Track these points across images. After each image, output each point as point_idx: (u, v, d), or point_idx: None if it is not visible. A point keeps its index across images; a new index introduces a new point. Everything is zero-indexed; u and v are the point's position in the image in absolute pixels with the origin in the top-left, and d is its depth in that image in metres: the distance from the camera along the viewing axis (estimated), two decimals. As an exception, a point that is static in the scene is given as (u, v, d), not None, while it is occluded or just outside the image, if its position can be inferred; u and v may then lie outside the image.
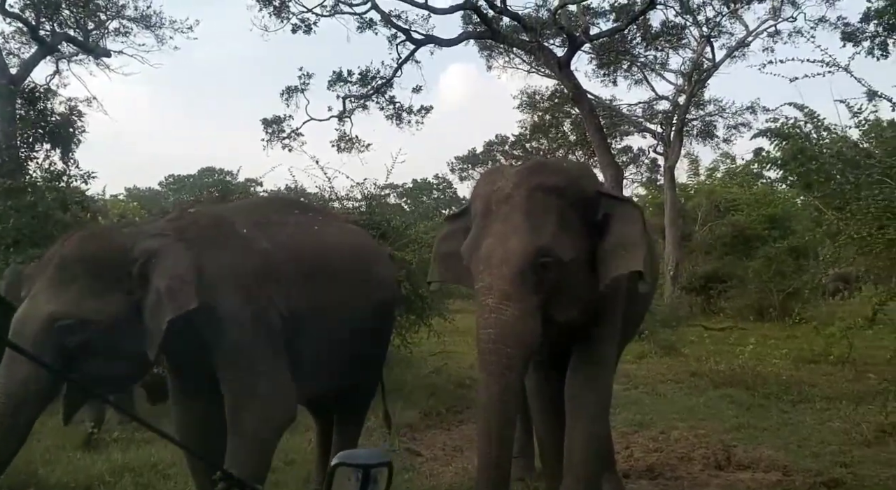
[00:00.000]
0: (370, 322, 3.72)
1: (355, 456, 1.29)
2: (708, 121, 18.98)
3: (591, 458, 3.41)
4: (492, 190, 3.24)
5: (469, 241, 3.22)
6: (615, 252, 3.19)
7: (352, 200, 8.44)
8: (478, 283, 3.08)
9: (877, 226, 3.81)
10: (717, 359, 8.24)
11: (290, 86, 16.30)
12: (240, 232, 3.27)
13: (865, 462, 4.72)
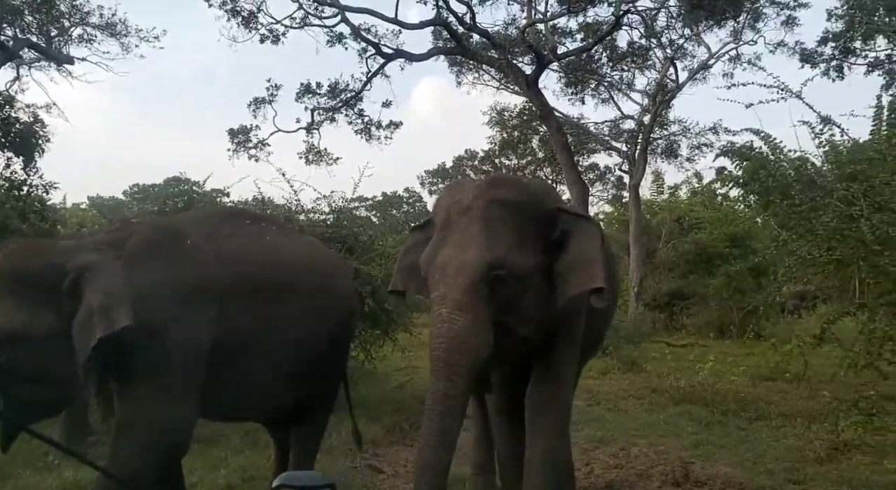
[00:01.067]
0: (326, 336, 3.63)
1: (296, 478, 1.29)
2: (672, 140, 19.38)
3: (549, 475, 3.43)
4: (452, 202, 3.29)
5: (427, 251, 3.25)
6: (574, 269, 3.23)
7: (318, 213, 8.39)
8: (433, 292, 3.13)
9: (826, 247, 3.92)
10: (677, 375, 8.37)
11: (257, 97, 16.22)
12: (184, 245, 3.16)
13: (817, 479, 4.83)
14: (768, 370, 8.61)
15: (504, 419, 3.73)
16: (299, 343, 3.41)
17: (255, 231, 3.62)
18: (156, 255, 3.04)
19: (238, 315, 3.13)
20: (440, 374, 3.00)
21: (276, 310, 3.31)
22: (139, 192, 19.92)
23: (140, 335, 2.76)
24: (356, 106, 16.54)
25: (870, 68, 14.12)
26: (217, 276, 3.12)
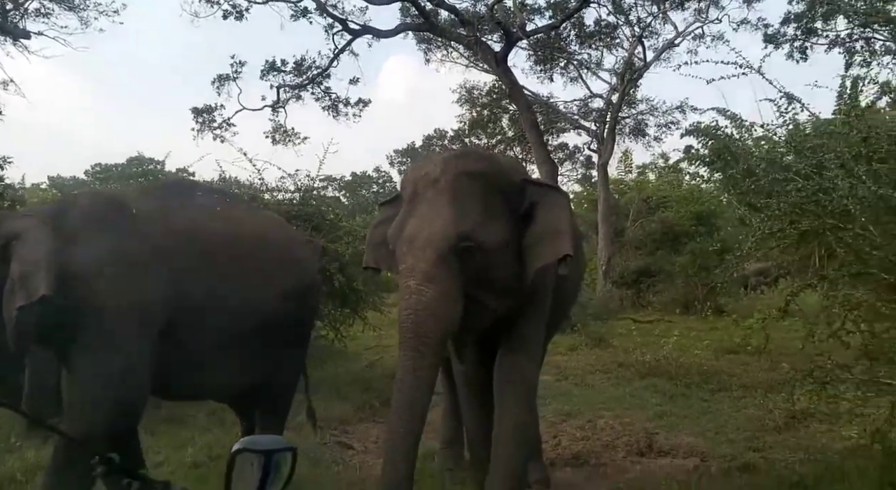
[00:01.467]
0: (286, 312, 3.52)
1: (257, 442, 1.29)
2: (640, 119, 19.54)
3: (517, 447, 3.48)
4: (420, 175, 3.27)
5: (395, 224, 3.24)
6: (541, 240, 3.25)
7: (283, 192, 8.29)
8: (401, 264, 3.11)
9: (788, 221, 4.00)
10: (643, 350, 8.54)
11: (221, 74, 15.88)
12: (126, 215, 3.05)
13: (776, 447, 4.99)
14: (731, 344, 8.83)
15: (472, 393, 3.76)
16: (257, 320, 3.32)
17: (207, 203, 3.50)
18: (94, 224, 2.93)
19: (192, 289, 3.04)
20: (409, 346, 3.00)
21: (231, 285, 3.21)
22: (101, 172, 19.45)
23: (77, 306, 2.68)
24: (323, 83, 16.33)
25: (830, 46, 14.35)
26: (166, 248, 3.01)
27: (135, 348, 2.88)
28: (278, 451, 1.29)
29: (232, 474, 1.23)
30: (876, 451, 4.03)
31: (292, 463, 1.32)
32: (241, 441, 1.26)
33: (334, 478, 4.39)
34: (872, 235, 3.66)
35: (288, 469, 1.31)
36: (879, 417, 4.00)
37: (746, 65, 4.22)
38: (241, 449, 1.25)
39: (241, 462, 1.25)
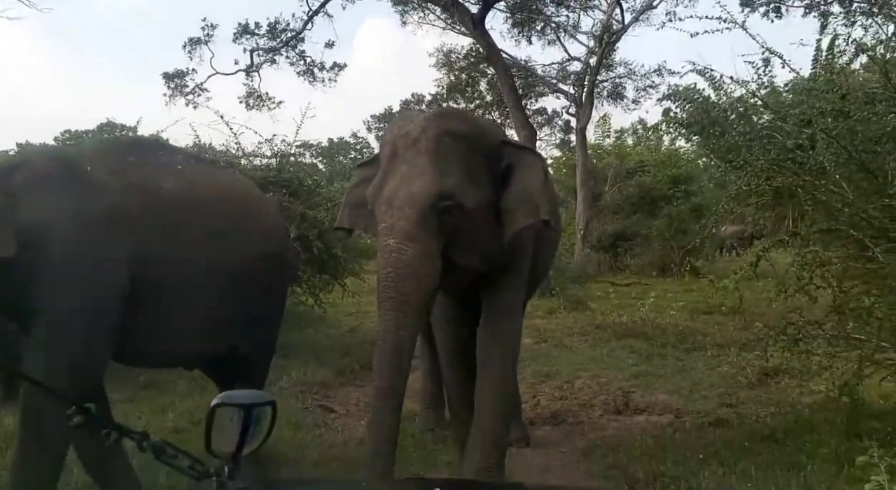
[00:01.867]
0: (254, 276, 3.36)
1: (236, 396, 1.28)
2: (618, 82, 19.44)
3: (500, 406, 3.52)
4: (399, 134, 3.23)
5: (374, 184, 3.20)
6: (518, 202, 3.25)
7: (260, 157, 8.18)
8: (380, 224, 3.09)
9: (765, 177, 4.05)
10: (620, 312, 8.68)
11: (192, 37, 15.46)
12: (80, 173, 2.89)
13: (748, 402, 5.13)
14: (705, 305, 9.00)
15: (453, 352, 3.79)
16: (226, 284, 3.19)
17: (169, 162, 3.34)
18: (48, 182, 2.78)
19: (154, 252, 2.91)
20: (390, 306, 3.00)
21: (196, 248, 3.09)
22: (71, 139, 19.00)
23: (28, 268, 2.58)
24: (297, 47, 15.99)
25: (807, 10, 14.35)
26: (125, 207, 2.87)
27: (91, 312, 2.75)
28: (258, 405, 1.28)
29: (211, 429, 1.23)
30: (843, 404, 4.17)
31: (272, 417, 1.32)
32: (220, 395, 1.26)
33: (316, 440, 4.43)
34: (845, 192, 3.72)
35: (268, 423, 1.31)
36: (848, 371, 4.13)
37: (730, 20, 4.22)
38: (220, 403, 1.24)
39: (221, 416, 1.24)
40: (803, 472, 3.51)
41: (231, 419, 1.26)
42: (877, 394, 4.27)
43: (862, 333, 4.05)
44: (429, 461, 4.06)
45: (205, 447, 1.25)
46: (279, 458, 3.92)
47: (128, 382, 5.23)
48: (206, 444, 1.24)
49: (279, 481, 2.78)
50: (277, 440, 4.17)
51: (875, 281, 3.86)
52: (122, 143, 3.69)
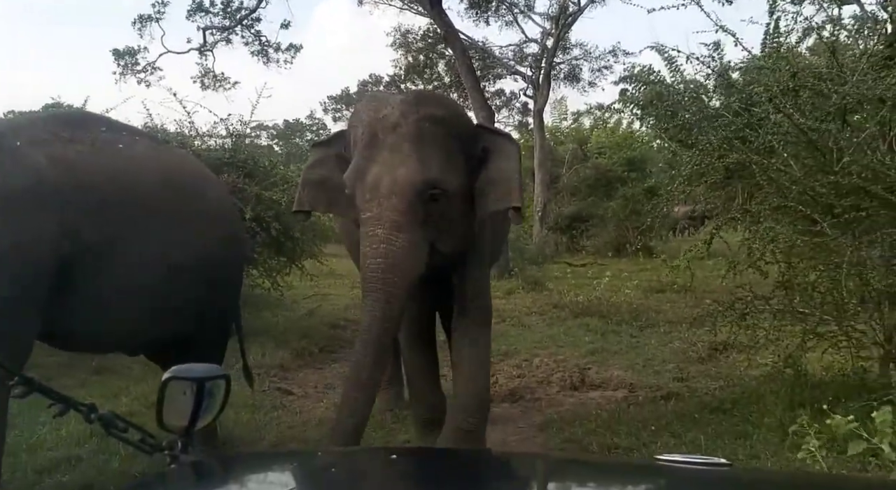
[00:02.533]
0: (201, 260, 3.20)
1: (189, 370, 1.26)
2: (574, 64, 19.58)
3: (483, 370, 3.68)
4: (376, 117, 3.18)
5: (353, 169, 3.14)
6: (494, 186, 3.28)
7: (215, 137, 7.99)
8: (365, 212, 3.06)
9: (717, 156, 4.14)
10: (577, 292, 8.83)
11: (142, 14, 14.98)
12: (10, 148, 2.73)
13: (698, 376, 5.29)
14: (659, 283, 9.22)
15: (413, 329, 3.81)
16: (168, 267, 3.05)
17: (107, 138, 3.14)
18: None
19: (88, 231, 2.76)
20: (378, 296, 2.99)
21: (135, 229, 2.93)
22: (14, 120, 18.22)
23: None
24: (252, 27, 15.63)
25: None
26: (51, 184, 2.72)
27: (8, 289, 2.59)
28: (211, 378, 1.27)
29: (163, 403, 1.21)
30: (788, 375, 4.33)
31: (226, 391, 1.30)
32: (172, 369, 1.24)
33: (274, 422, 4.41)
34: (793, 170, 3.84)
35: (222, 397, 1.30)
36: (792, 344, 4.28)
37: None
38: (172, 377, 1.22)
39: (173, 390, 1.22)
40: (749, 441, 3.66)
41: (184, 393, 1.24)
42: (819, 365, 4.44)
43: (806, 308, 4.21)
44: (388, 440, 4.09)
45: (157, 421, 1.23)
46: (235, 440, 3.90)
47: (79, 367, 5.11)
48: (157, 419, 1.23)
49: (233, 455, 2.77)
50: (234, 422, 4.14)
51: (820, 256, 4.00)
52: (58, 119, 3.42)
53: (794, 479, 1.55)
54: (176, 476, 1.23)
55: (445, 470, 1.30)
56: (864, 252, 3.74)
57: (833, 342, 4.24)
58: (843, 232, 3.79)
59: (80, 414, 1.16)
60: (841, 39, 4.66)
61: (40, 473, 3.36)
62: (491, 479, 1.26)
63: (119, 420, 1.19)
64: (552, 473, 1.34)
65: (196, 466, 1.24)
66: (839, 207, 3.78)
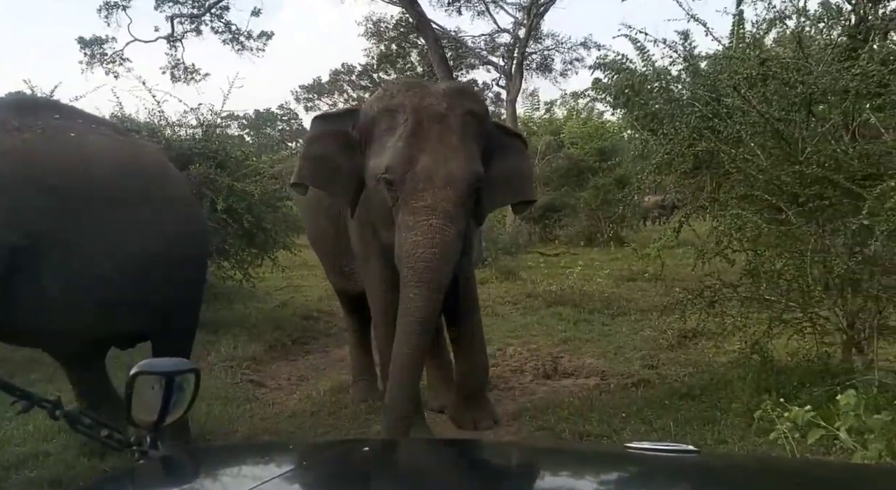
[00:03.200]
0: (158, 254, 3.08)
1: (157, 364, 1.26)
2: (546, 55, 19.64)
3: (482, 342, 4.17)
4: (420, 105, 3.24)
5: (400, 154, 3.16)
6: (508, 182, 3.55)
7: (185, 127, 7.86)
8: (417, 200, 3.12)
9: (686, 145, 4.20)
10: (549, 281, 8.89)
11: (108, 1, 14.64)
12: None
13: (668, 363, 5.38)
14: (630, 272, 9.33)
15: (389, 317, 3.81)
16: (123, 259, 2.95)
17: (58, 125, 3.04)
18: None
19: (36, 221, 2.68)
20: (434, 286, 3.14)
21: (86, 219, 2.84)
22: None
23: None
24: (222, 16, 15.40)
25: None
26: None
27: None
28: (181, 372, 1.26)
29: (132, 398, 1.20)
30: (754, 362, 4.42)
31: (195, 384, 1.29)
32: (140, 364, 1.22)
33: (247, 414, 4.38)
34: (760, 159, 3.90)
35: (191, 391, 1.29)
36: (759, 331, 4.37)
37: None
38: (140, 371, 1.21)
39: (142, 385, 1.21)
40: (717, 426, 3.73)
41: (152, 388, 1.23)
42: (784, 351, 4.54)
43: (772, 295, 4.29)
44: (362, 431, 4.09)
45: (125, 417, 1.22)
46: (207, 434, 3.87)
47: (46, 362, 5.00)
48: (126, 414, 1.21)
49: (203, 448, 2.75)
50: (207, 415, 4.10)
51: (786, 244, 4.08)
52: (7, 106, 3.29)
53: (759, 463, 1.59)
54: (145, 471, 1.22)
55: (417, 460, 1.31)
56: (828, 240, 3.83)
57: (798, 328, 4.34)
58: (807, 220, 3.88)
59: (45, 410, 1.14)
60: (807, 31, 4.74)
61: (7, 469, 3.31)
62: (463, 468, 1.28)
63: (86, 416, 1.17)
64: (523, 462, 1.36)
65: (166, 461, 1.23)
66: (804, 196, 3.86)
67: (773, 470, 1.28)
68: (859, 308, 4.09)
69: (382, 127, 3.29)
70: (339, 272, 4.44)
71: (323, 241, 4.49)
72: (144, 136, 6.84)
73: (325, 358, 6.25)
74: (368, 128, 3.36)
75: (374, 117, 3.35)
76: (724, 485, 1.11)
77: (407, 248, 3.13)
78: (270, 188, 7.31)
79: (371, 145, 3.35)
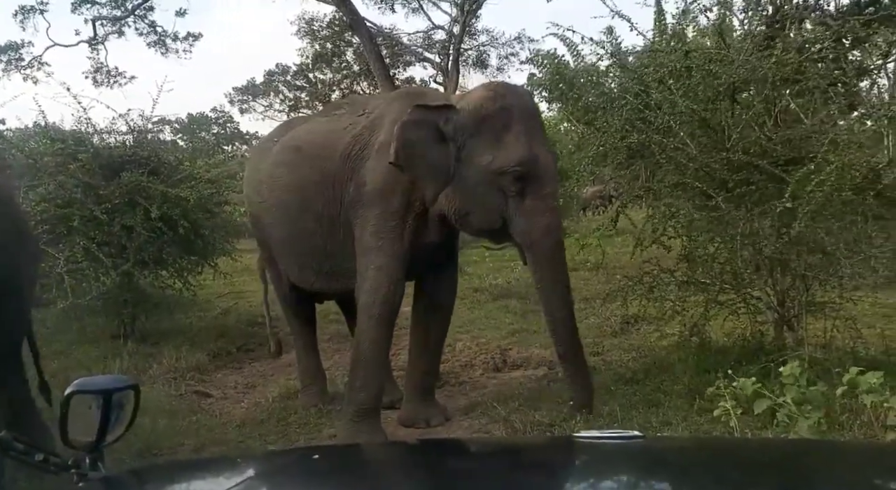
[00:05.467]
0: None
1: (93, 382, 1.21)
2: (482, 50, 19.79)
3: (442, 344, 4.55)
4: (515, 103, 3.63)
5: (523, 146, 3.51)
6: None
7: (115, 134, 7.54)
8: (544, 189, 3.57)
9: (620, 136, 4.31)
10: (495, 275, 8.98)
11: (24, 5, 13.99)
12: None
13: (612, 349, 5.51)
14: (572, 262, 9.43)
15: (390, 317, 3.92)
16: None
17: None
18: None
19: None
20: (562, 262, 3.76)
21: None
22: None
23: None
24: (146, 17, 14.91)
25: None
26: None
27: None
28: (119, 389, 1.22)
29: (67, 419, 1.15)
30: (694, 343, 4.58)
31: (136, 401, 1.26)
32: (75, 382, 1.18)
33: (193, 427, 4.27)
34: (689, 148, 4.04)
35: (131, 408, 1.25)
36: (696, 313, 4.53)
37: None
38: (75, 391, 1.16)
39: (78, 405, 1.17)
40: (661, 409, 3.85)
41: (89, 407, 1.19)
42: (721, 332, 4.71)
43: (707, 278, 4.45)
44: (313, 437, 4.05)
45: (61, 439, 1.17)
46: (153, 449, 3.76)
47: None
48: (61, 436, 1.17)
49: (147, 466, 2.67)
50: (150, 431, 3.97)
51: (717, 229, 4.24)
52: None
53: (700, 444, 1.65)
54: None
55: (367, 465, 1.30)
56: (757, 223, 4.00)
57: (733, 309, 4.51)
58: (736, 205, 4.04)
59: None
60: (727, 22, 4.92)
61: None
62: (411, 468, 1.28)
63: (18, 442, 1.12)
64: (475, 459, 1.37)
65: (107, 483, 1.19)
66: (732, 182, 4.02)
67: (714, 449, 1.33)
68: (788, 287, 4.28)
69: (497, 125, 3.55)
70: (318, 272, 4.35)
71: (301, 242, 4.34)
72: (71, 146, 6.58)
73: (272, 364, 6.14)
74: (474, 124, 3.57)
75: (486, 115, 3.58)
76: (669, 467, 1.15)
77: (542, 228, 3.58)
78: (206, 192, 7.11)
79: (477, 141, 3.57)
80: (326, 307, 5.75)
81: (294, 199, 4.22)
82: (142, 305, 6.75)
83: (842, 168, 3.51)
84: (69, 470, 1.17)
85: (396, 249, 3.76)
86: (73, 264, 5.89)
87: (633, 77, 4.68)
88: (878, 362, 3.65)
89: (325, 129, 4.25)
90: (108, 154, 6.82)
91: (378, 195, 3.79)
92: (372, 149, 3.85)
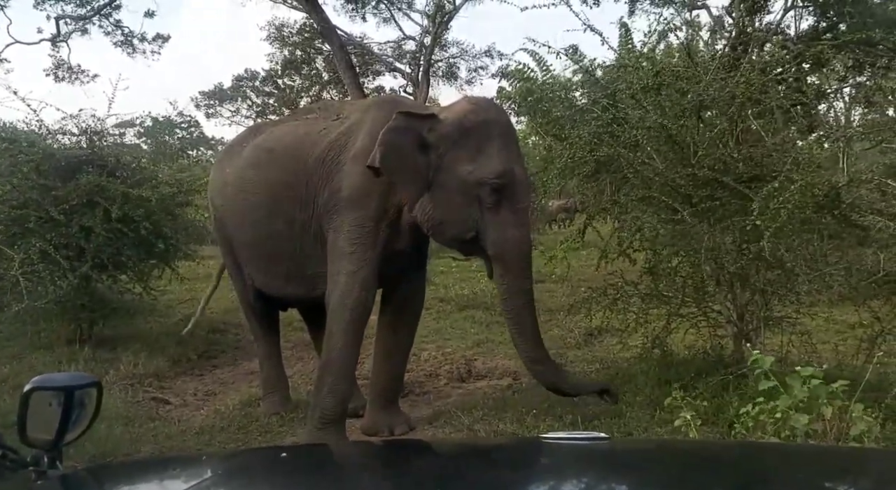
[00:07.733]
0: None
1: (54, 379, 1.18)
2: (452, 62, 19.87)
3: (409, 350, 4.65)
4: (503, 121, 3.78)
5: (500, 162, 3.58)
6: None
7: (68, 135, 7.32)
8: (519, 203, 3.67)
9: (587, 150, 4.37)
10: (461, 285, 8.99)
11: (-17, 0, 13.60)
12: None
13: (576, 361, 5.56)
14: (538, 274, 9.48)
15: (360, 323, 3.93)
16: None
17: None
18: None
19: None
20: (529, 273, 3.86)
21: None
22: None
23: None
24: (112, 16, 14.64)
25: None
26: None
27: None
28: (81, 387, 1.19)
29: (26, 416, 1.12)
30: (656, 355, 4.65)
31: (98, 399, 1.23)
32: (35, 379, 1.15)
33: (150, 433, 4.17)
34: (656, 163, 4.12)
35: (93, 406, 1.22)
36: (658, 326, 4.60)
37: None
38: (35, 387, 1.13)
39: (38, 402, 1.14)
40: (623, 419, 3.89)
41: (49, 404, 1.15)
42: (683, 344, 4.79)
43: (670, 291, 4.53)
44: (276, 443, 3.98)
45: (19, 436, 1.14)
46: (108, 456, 3.65)
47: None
48: (20, 433, 1.13)
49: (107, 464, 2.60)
50: (106, 437, 3.87)
51: (681, 243, 4.32)
52: None
53: (662, 445, 1.67)
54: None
55: (331, 464, 1.29)
56: (719, 238, 4.09)
57: (694, 322, 4.59)
58: (700, 220, 4.13)
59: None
60: (694, 42, 5.06)
61: None
62: (378, 468, 1.27)
63: None
64: (441, 459, 1.37)
65: (65, 481, 1.16)
66: (697, 197, 4.11)
67: (678, 450, 1.35)
68: (748, 301, 4.38)
69: (478, 137, 3.60)
70: (287, 277, 4.30)
71: (270, 245, 4.28)
72: (24, 146, 6.40)
73: (233, 371, 6.04)
74: (456, 136, 3.61)
75: (469, 128, 3.62)
76: (633, 468, 1.16)
77: (514, 240, 3.66)
78: (168, 192, 6.94)
79: (458, 151, 3.61)
80: (289, 315, 5.69)
81: (263, 201, 4.17)
82: (100, 310, 6.55)
83: (805, 187, 3.62)
84: (27, 467, 1.14)
85: (369, 256, 3.76)
86: (28, 266, 5.70)
87: (604, 92, 4.77)
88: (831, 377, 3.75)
89: (300, 132, 4.22)
90: (63, 155, 6.64)
91: (354, 201, 3.78)
92: (348, 154, 3.84)
